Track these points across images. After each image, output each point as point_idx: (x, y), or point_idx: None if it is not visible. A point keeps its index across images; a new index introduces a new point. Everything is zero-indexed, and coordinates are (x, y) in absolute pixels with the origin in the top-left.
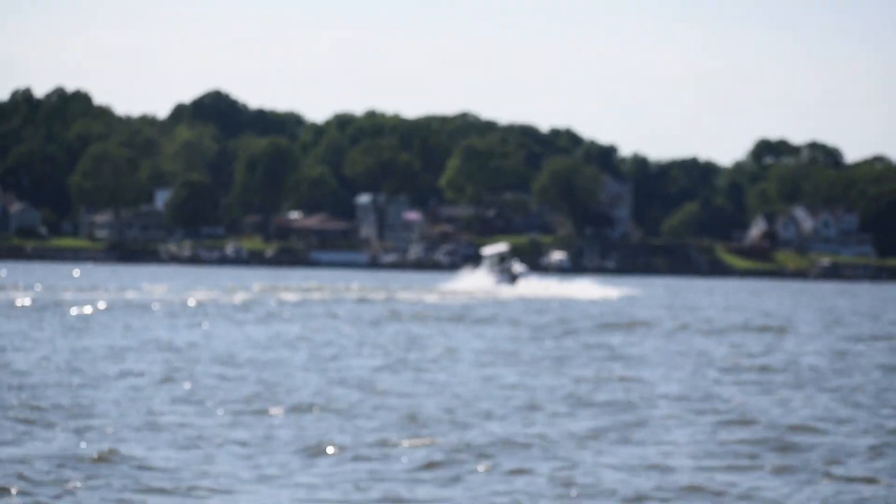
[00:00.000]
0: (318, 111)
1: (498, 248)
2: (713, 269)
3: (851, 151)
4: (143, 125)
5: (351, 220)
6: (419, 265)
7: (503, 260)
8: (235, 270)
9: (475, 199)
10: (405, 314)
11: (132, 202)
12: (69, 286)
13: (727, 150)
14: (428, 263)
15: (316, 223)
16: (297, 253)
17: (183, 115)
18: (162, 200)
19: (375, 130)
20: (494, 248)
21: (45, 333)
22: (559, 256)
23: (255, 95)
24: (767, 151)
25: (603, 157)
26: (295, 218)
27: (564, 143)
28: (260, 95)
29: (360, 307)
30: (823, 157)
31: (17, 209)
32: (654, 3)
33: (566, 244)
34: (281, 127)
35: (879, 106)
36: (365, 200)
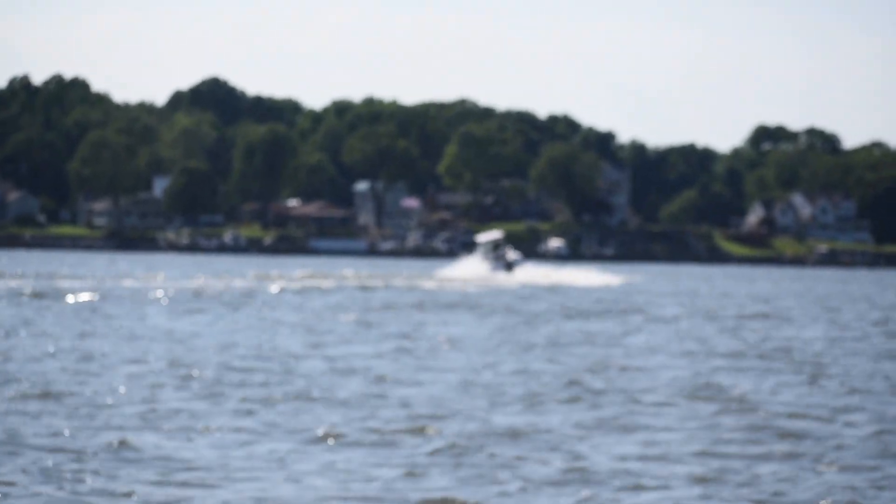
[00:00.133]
0: (316, 98)
1: (492, 235)
2: (711, 255)
3: (849, 137)
4: (141, 112)
5: (349, 207)
6: (418, 252)
7: (497, 247)
8: (233, 258)
9: (473, 185)
10: (401, 303)
11: (130, 189)
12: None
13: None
14: (426, 251)
15: (314, 210)
16: (295, 241)
17: (181, 102)
18: (160, 188)
19: (373, 117)
20: (488, 235)
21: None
22: (557, 243)
23: (253, 82)
24: (765, 138)
25: (601, 143)
26: (293, 205)
27: (562, 129)
28: (258, 82)
29: (356, 295)
30: (821, 143)
31: (15, 197)
32: None
33: (564, 231)
34: (279, 114)
35: (877, 92)
36: (363, 187)
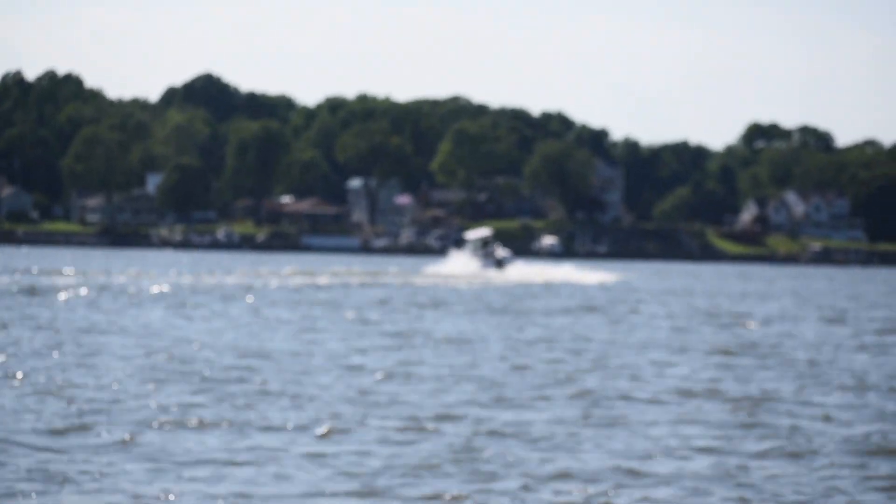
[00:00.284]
0: (309, 95)
1: (480, 232)
2: (704, 253)
3: (843, 135)
4: (134, 108)
5: (342, 204)
6: (411, 249)
7: (486, 244)
8: (226, 255)
9: (466, 183)
10: (390, 299)
11: (124, 186)
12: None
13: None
14: (419, 248)
15: (307, 207)
16: (288, 237)
17: (174, 98)
18: (153, 184)
19: (367, 114)
20: (477, 232)
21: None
22: (550, 241)
23: (246, 79)
24: (759, 135)
25: (594, 141)
26: (286, 202)
27: (556, 127)
28: (251, 79)
29: (347, 291)
30: (815, 141)
31: (7, 193)
32: None
33: (557, 228)
34: (272, 110)
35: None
36: (356, 184)
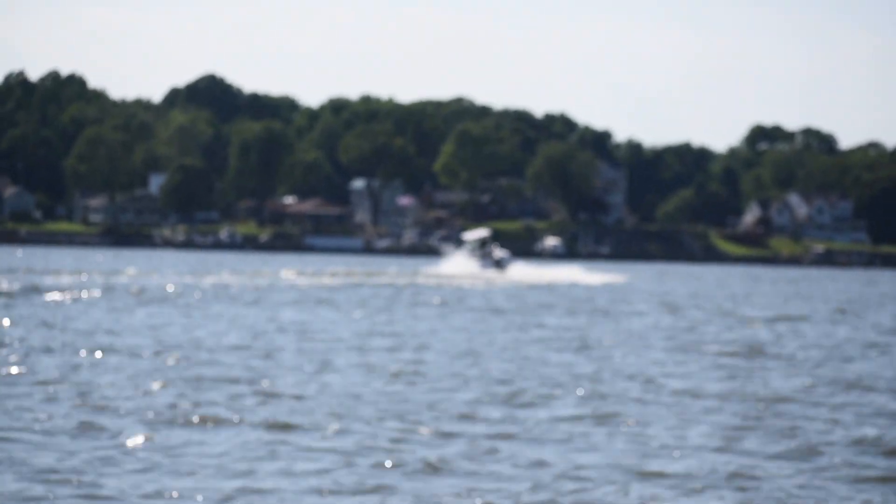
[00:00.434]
0: (312, 96)
1: (478, 233)
2: (707, 255)
3: (846, 137)
4: (137, 109)
5: (345, 205)
6: (413, 250)
7: (484, 245)
8: (229, 255)
9: (469, 184)
10: (384, 298)
11: (127, 186)
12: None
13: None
14: (422, 249)
15: (310, 208)
16: (291, 238)
17: (177, 99)
18: (156, 185)
19: (370, 115)
20: (475, 233)
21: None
22: (553, 242)
23: (249, 80)
24: (762, 137)
25: (597, 142)
26: (289, 203)
27: (559, 128)
28: (254, 80)
29: (348, 291)
30: (818, 143)
31: (11, 193)
32: None
33: (560, 230)
34: (275, 111)
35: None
36: (359, 185)
